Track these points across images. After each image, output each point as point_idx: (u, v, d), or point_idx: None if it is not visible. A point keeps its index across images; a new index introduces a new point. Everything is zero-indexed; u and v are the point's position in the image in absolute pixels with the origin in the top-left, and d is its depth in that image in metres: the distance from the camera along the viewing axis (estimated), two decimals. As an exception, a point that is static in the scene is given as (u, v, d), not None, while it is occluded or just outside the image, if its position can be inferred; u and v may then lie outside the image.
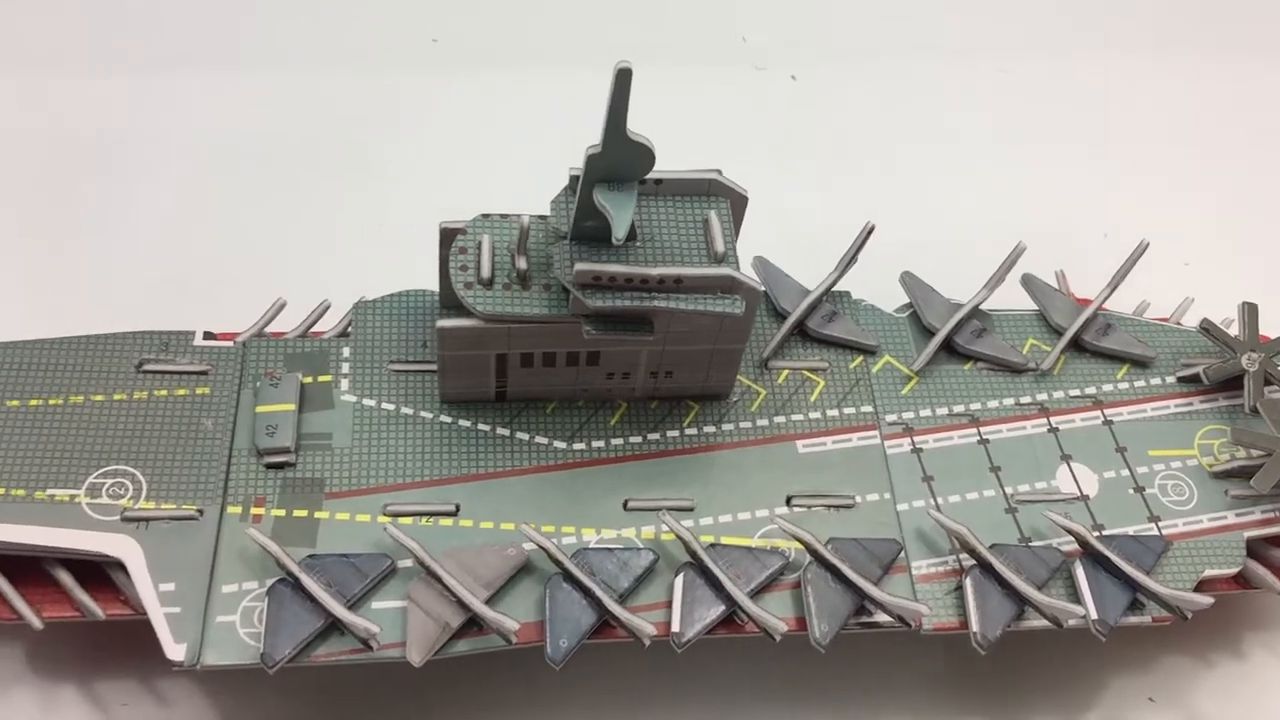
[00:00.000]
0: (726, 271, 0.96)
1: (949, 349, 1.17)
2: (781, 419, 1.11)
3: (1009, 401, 1.16)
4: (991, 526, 1.06)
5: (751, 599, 0.97)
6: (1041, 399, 1.16)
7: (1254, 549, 1.09)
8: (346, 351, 1.09)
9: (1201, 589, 1.04)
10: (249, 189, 1.34)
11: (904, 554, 1.04)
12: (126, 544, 0.95)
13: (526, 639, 0.95)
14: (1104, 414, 1.16)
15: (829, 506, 1.06)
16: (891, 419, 1.12)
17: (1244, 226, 1.55)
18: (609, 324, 0.98)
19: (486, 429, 1.06)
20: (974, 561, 1.03)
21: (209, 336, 1.08)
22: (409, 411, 1.06)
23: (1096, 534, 1.05)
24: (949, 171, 1.55)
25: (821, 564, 1.00)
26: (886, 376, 1.15)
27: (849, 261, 1.18)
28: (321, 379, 1.07)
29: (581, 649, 0.95)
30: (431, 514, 1.01)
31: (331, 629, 0.94)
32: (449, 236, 1.03)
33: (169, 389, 1.04)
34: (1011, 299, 1.23)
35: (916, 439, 1.12)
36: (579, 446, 1.07)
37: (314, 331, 1.12)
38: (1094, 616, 1.01)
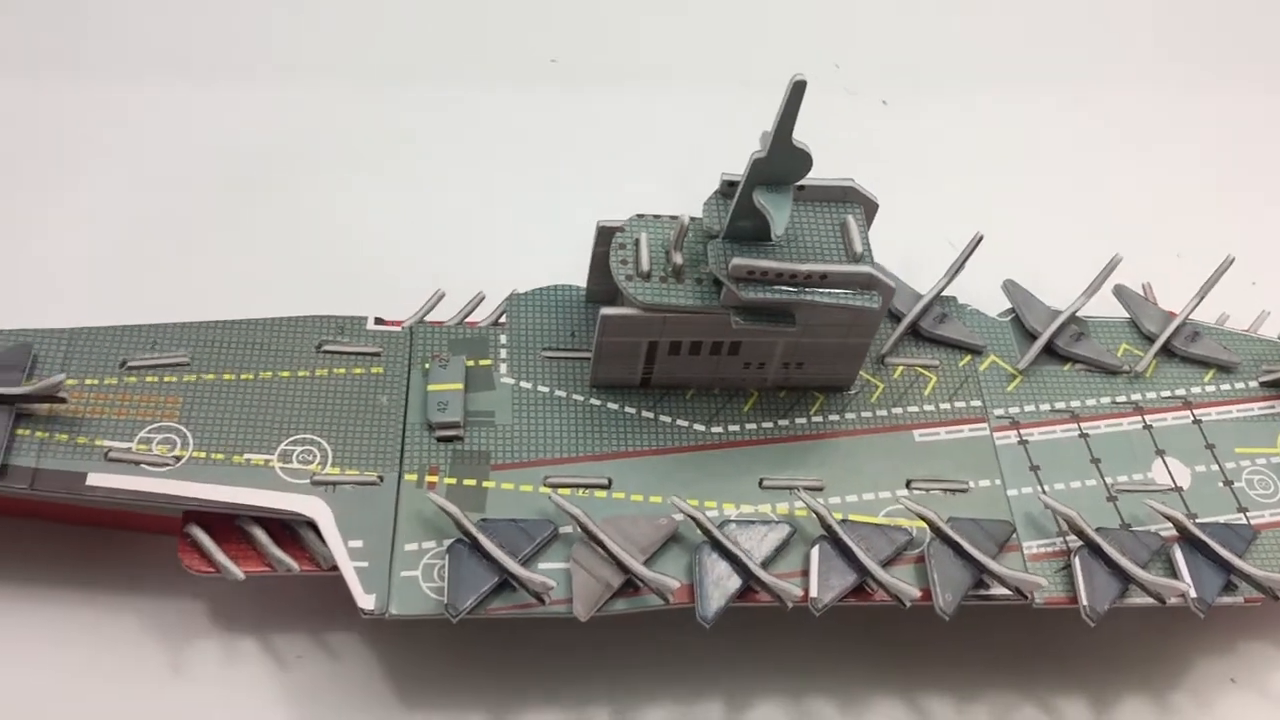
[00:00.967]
0: (866, 269, 1.06)
1: (1049, 351, 1.27)
2: (899, 410, 1.20)
3: (1105, 400, 1.25)
4: (1094, 513, 1.15)
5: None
6: (1135, 399, 1.25)
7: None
8: (504, 339, 1.19)
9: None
10: (402, 193, 1.47)
11: (1015, 535, 1.13)
12: (317, 505, 1.05)
13: (679, 600, 1.05)
14: (1193, 413, 1.25)
15: (945, 490, 1.15)
16: (999, 413, 1.22)
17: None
18: (755, 315, 1.08)
19: (632, 412, 1.16)
20: (1081, 543, 1.12)
21: (379, 322, 1.18)
22: (562, 394, 1.16)
23: (1192, 520, 1.14)
24: (1029, 192, 1.65)
25: (944, 540, 1.09)
26: (993, 374, 1.25)
27: (958, 268, 1.27)
28: (483, 363, 1.17)
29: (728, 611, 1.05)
30: (587, 486, 1.10)
31: (504, 585, 1.03)
32: (606, 234, 1.13)
33: (346, 368, 1.14)
34: (1103, 308, 1.33)
35: (1022, 431, 1.21)
36: (716, 430, 1.16)
37: (469, 321, 1.22)
38: (1193, 595, 1.10)
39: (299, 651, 1.13)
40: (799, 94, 0.94)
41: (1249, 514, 1.17)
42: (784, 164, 1.00)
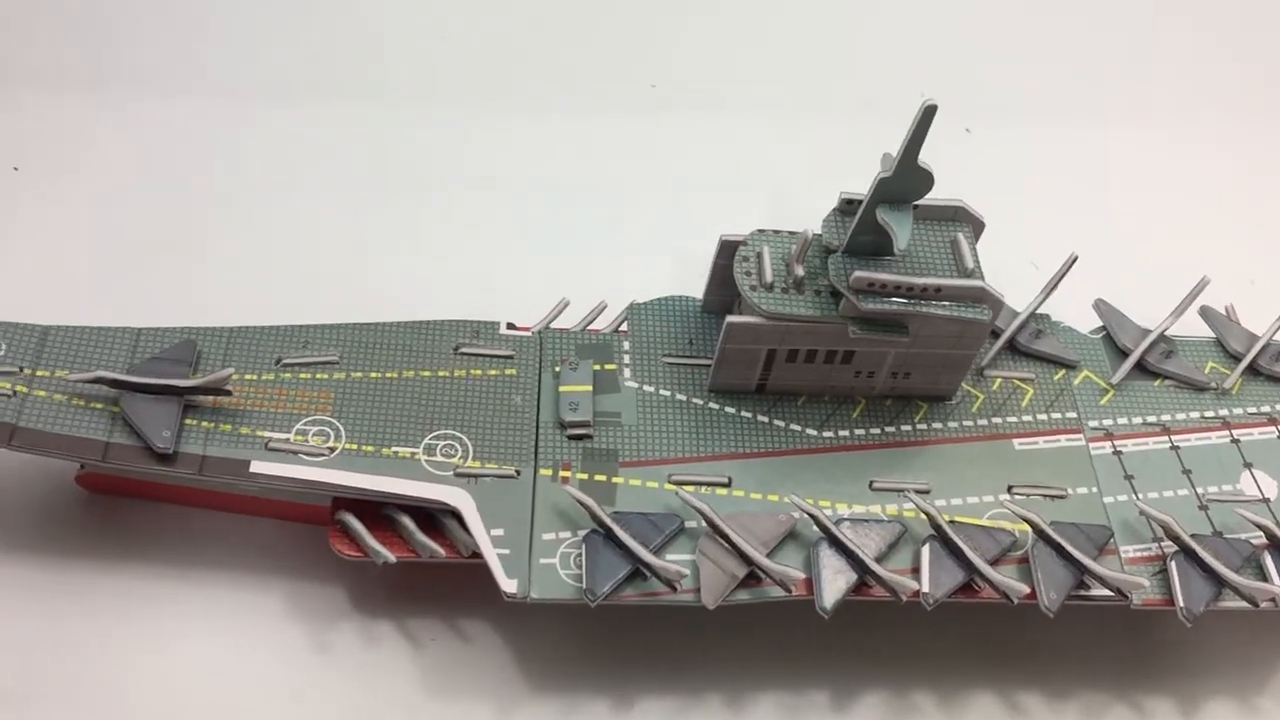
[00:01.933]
0: (978, 283, 1.13)
1: (1140, 367, 1.33)
2: (998, 420, 1.27)
3: (1194, 415, 1.31)
4: (1186, 520, 1.20)
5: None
6: (1223, 414, 1.31)
7: None
8: (626, 345, 1.26)
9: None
10: (524, 212, 1.58)
11: (1113, 539, 1.19)
12: (461, 495, 1.12)
13: (798, 592, 1.11)
14: (1278, 429, 1.30)
15: (1045, 496, 1.21)
16: (1093, 424, 1.28)
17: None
18: (872, 326, 1.15)
19: (748, 416, 1.23)
20: (1175, 548, 1.18)
21: (510, 327, 1.26)
22: (682, 398, 1.23)
23: (1282, 529, 1.19)
24: (1109, 218, 1.71)
25: (1047, 542, 1.15)
26: (1086, 388, 1.31)
27: (1052, 287, 1.34)
28: (608, 367, 1.24)
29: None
30: (709, 484, 1.17)
31: (635, 574, 1.10)
32: (729, 248, 1.21)
33: (482, 369, 1.21)
34: (1189, 328, 1.39)
35: (1116, 442, 1.27)
36: (828, 434, 1.23)
37: (590, 328, 1.29)
38: (1285, 599, 1.16)
39: (432, 635, 1.20)
40: (929, 118, 1.01)
41: (1335, 525, 1.23)
42: (908, 183, 1.07)
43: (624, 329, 1.28)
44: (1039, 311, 1.35)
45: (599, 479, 1.16)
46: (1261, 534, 1.19)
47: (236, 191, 1.55)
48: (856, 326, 1.15)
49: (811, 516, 1.13)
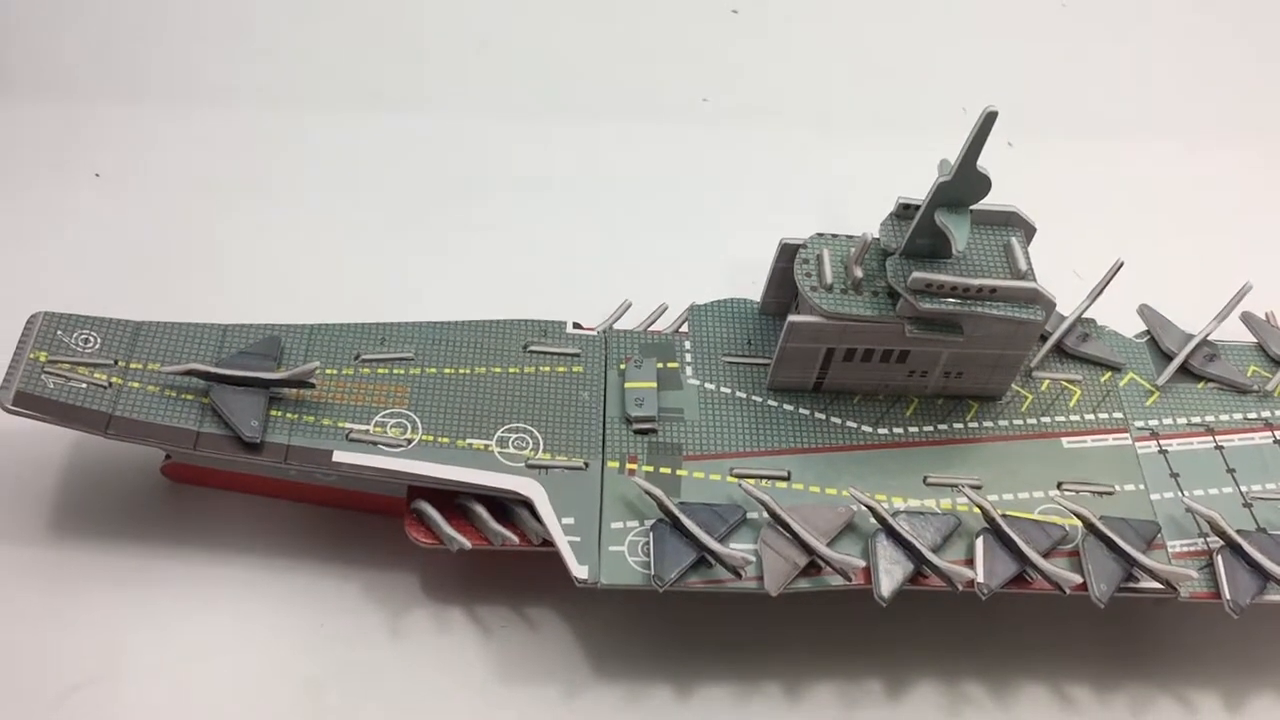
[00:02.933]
0: (1031, 285, 1.17)
1: (1184, 370, 1.37)
2: (1047, 419, 1.31)
3: (1237, 416, 1.35)
4: (1231, 517, 1.23)
5: (1040, 560, 1.17)
6: (1266, 415, 1.35)
7: None
8: (688, 345, 1.31)
9: None
10: (584, 219, 1.65)
11: (1160, 534, 1.23)
12: (533, 485, 1.17)
13: (857, 581, 1.15)
14: (1321, 430, 1.34)
15: (1093, 493, 1.25)
16: (1139, 425, 1.32)
17: None
18: (928, 326, 1.19)
19: (806, 413, 1.27)
20: (1221, 543, 1.21)
21: (577, 327, 1.31)
22: (742, 395, 1.27)
23: (1325, 526, 1.23)
24: (1146, 229, 1.75)
25: (1097, 536, 1.19)
26: (1132, 390, 1.35)
27: (1099, 291, 1.38)
28: (670, 365, 1.29)
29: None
30: (769, 477, 1.22)
31: (700, 562, 1.14)
32: (789, 251, 1.25)
33: (550, 366, 1.26)
34: (1231, 333, 1.43)
35: (1162, 442, 1.31)
36: (882, 431, 1.27)
37: (652, 329, 1.34)
38: (1329, 592, 1.19)
39: (501, 622, 1.25)
40: (989, 124, 1.05)
41: (1376, 523, 1.26)
42: (966, 187, 1.11)
43: (684, 330, 1.33)
44: (1085, 316, 1.40)
45: (664, 472, 1.20)
46: (1305, 531, 1.23)
47: (305, 196, 1.62)
48: (913, 326, 1.19)
49: (869, 509, 1.17)
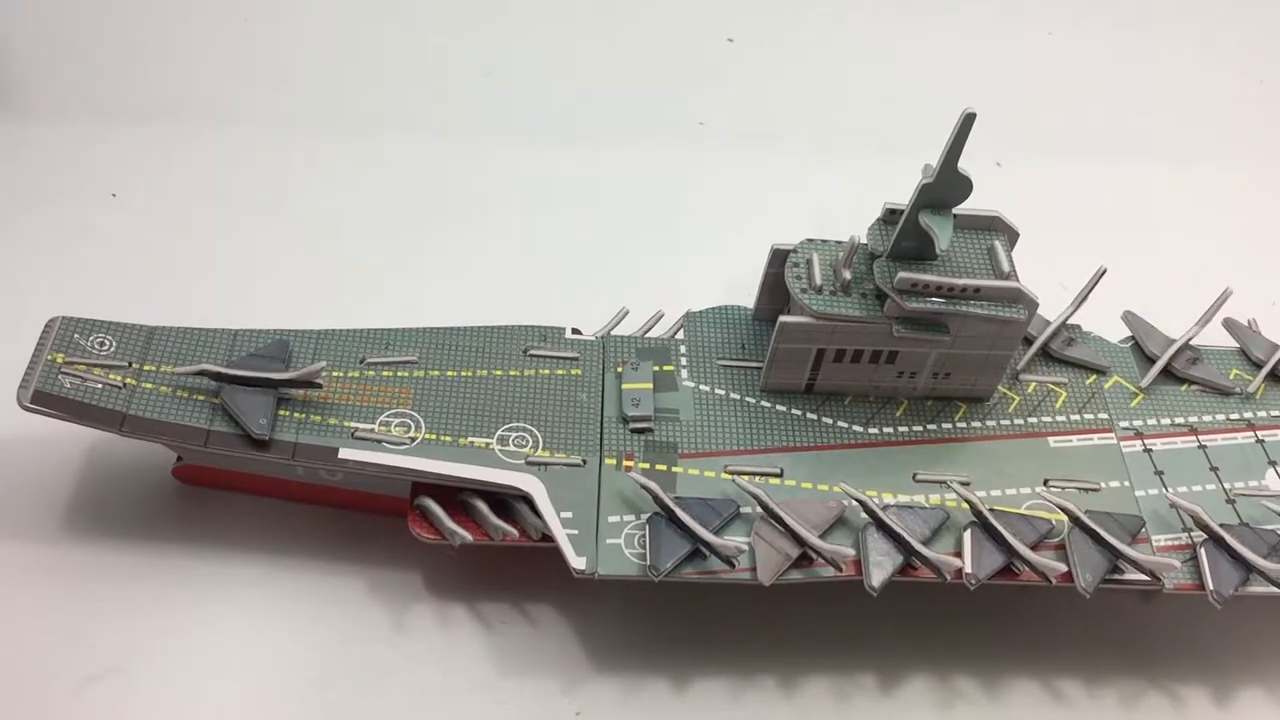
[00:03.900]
0: (1014, 284, 1.22)
1: (1167, 372, 1.40)
2: (1034, 419, 1.34)
3: (1220, 417, 1.38)
4: (1214, 513, 1.27)
5: (1026, 552, 1.20)
6: (1247, 416, 1.38)
7: None
8: (684, 349, 1.35)
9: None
10: (584, 235, 1.71)
11: (1145, 528, 1.26)
12: (532, 481, 1.20)
13: (848, 572, 1.18)
14: (1301, 430, 1.38)
15: (1079, 489, 1.29)
16: (1124, 425, 1.35)
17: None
18: (915, 325, 1.23)
19: (798, 414, 1.31)
20: (1205, 536, 1.24)
21: (575, 332, 1.35)
22: (736, 397, 1.31)
23: (1306, 520, 1.26)
24: (1133, 246, 1.79)
25: (1082, 529, 1.22)
26: (1117, 392, 1.39)
27: (1083, 297, 1.42)
28: (666, 368, 1.33)
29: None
30: (762, 474, 1.25)
31: (695, 554, 1.17)
32: (780, 256, 1.30)
33: (550, 369, 1.30)
34: (1212, 339, 1.47)
35: (1146, 441, 1.34)
36: (873, 431, 1.31)
37: (648, 335, 1.38)
38: (1310, 583, 1.22)
39: (503, 618, 1.28)
40: (968, 125, 1.10)
41: (1357, 518, 1.30)
42: (948, 189, 1.16)
43: (680, 336, 1.37)
44: (1071, 323, 1.44)
45: (660, 468, 1.24)
46: (1287, 525, 1.26)
47: (313, 213, 1.68)
48: (900, 326, 1.23)
49: (860, 503, 1.21)
